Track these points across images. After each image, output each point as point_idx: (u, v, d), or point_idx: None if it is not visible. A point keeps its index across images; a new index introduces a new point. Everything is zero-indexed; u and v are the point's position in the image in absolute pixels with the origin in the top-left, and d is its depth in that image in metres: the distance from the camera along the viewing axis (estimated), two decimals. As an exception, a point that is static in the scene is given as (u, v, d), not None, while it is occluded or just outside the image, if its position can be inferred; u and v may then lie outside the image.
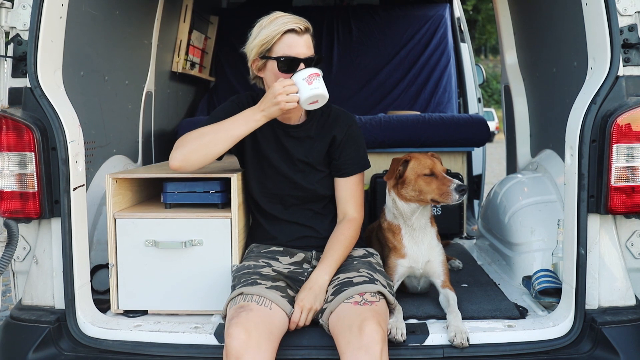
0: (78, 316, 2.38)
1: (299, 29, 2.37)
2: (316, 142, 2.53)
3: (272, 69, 2.40)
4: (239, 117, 2.38)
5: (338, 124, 2.54)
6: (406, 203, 2.62)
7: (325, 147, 2.53)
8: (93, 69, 3.04)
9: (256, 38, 2.40)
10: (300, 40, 2.38)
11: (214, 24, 5.30)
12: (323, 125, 2.54)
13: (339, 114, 2.57)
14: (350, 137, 2.54)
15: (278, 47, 2.38)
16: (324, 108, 2.50)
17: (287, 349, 2.22)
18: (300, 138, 2.52)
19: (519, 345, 2.27)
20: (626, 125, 2.21)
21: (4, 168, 2.36)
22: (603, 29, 2.25)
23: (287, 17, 2.41)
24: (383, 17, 5.50)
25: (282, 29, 2.36)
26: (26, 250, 2.45)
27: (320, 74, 2.34)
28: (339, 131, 2.53)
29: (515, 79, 3.83)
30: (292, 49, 2.37)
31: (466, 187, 2.47)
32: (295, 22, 2.38)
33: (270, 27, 2.38)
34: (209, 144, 2.37)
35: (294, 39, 2.38)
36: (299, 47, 2.38)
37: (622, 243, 2.34)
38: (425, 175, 2.55)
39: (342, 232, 2.48)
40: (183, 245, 2.51)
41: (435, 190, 2.52)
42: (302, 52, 2.38)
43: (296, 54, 2.37)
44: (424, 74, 5.38)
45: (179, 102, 4.72)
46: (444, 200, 2.51)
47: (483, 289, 2.84)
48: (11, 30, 2.37)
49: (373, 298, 2.23)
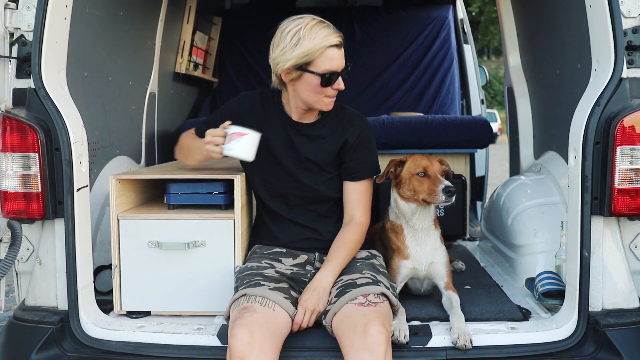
0: (81, 317, 2.38)
1: (340, 42, 2.35)
2: (327, 142, 2.52)
3: (310, 81, 2.36)
4: (197, 143, 2.45)
5: (352, 127, 2.53)
6: (406, 203, 2.63)
7: (336, 149, 2.52)
8: (97, 70, 3.04)
9: (296, 49, 2.30)
10: (339, 54, 2.36)
11: (217, 25, 5.31)
12: (336, 126, 2.53)
13: (352, 117, 2.56)
14: (362, 141, 2.53)
15: (320, 60, 2.32)
16: (339, 109, 2.52)
17: (290, 351, 2.22)
18: (310, 136, 2.52)
19: (522, 348, 2.27)
20: (630, 127, 2.21)
21: (7, 169, 2.36)
22: (607, 31, 2.25)
23: (325, 28, 2.34)
24: (386, 18, 5.50)
25: (327, 43, 2.31)
26: (29, 250, 2.46)
27: (247, 133, 2.33)
28: (352, 134, 2.52)
29: (519, 81, 3.82)
30: (334, 63, 2.34)
31: (454, 189, 2.47)
32: (337, 36, 2.34)
33: (312, 40, 2.30)
34: (188, 156, 2.60)
35: (335, 53, 2.34)
36: (339, 60, 2.35)
37: (625, 245, 2.33)
38: (417, 175, 2.57)
39: (348, 235, 2.47)
40: (186, 247, 2.51)
41: (426, 190, 2.53)
42: (341, 65, 2.36)
43: (337, 68, 2.35)
44: (427, 75, 5.38)
45: (182, 103, 4.72)
46: (432, 200, 2.52)
47: (486, 291, 2.84)
48: (15, 31, 2.38)
49: (377, 299, 2.23)
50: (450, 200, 2.48)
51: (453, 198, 2.49)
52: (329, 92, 2.38)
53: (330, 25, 2.37)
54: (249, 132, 2.33)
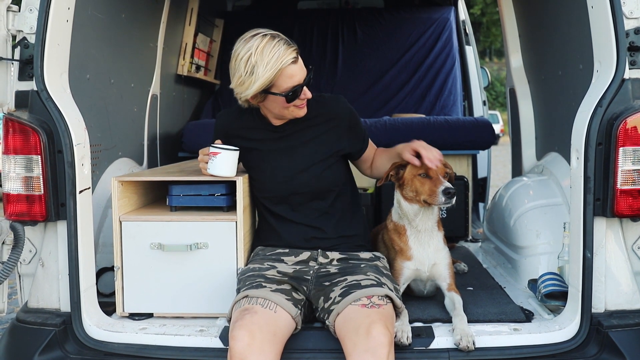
0: (84, 319, 2.38)
1: (294, 58, 2.37)
2: (317, 130, 2.58)
3: (276, 100, 2.42)
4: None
5: (332, 105, 2.61)
6: (409, 204, 2.63)
7: (327, 129, 2.58)
8: (99, 72, 3.05)
9: (252, 78, 2.32)
10: (298, 68, 2.38)
11: (219, 27, 5.31)
12: (320, 111, 2.58)
13: (330, 98, 2.64)
14: (352, 115, 2.63)
15: (279, 82, 2.36)
16: (317, 98, 2.58)
17: (291, 353, 2.22)
18: (298, 131, 2.57)
19: (525, 349, 2.26)
20: (632, 128, 2.20)
21: (10, 171, 2.36)
22: (609, 31, 2.24)
23: (276, 46, 2.33)
24: (388, 20, 5.50)
25: (281, 65, 2.32)
26: (32, 253, 2.46)
27: (220, 152, 2.43)
28: (336, 110, 2.60)
29: (521, 82, 3.82)
30: (294, 79, 2.37)
31: (454, 190, 2.47)
32: (290, 52, 2.34)
33: (266, 66, 2.30)
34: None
35: (293, 70, 2.36)
36: (297, 74, 2.38)
37: (628, 246, 2.33)
38: (419, 176, 2.57)
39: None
40: (188, 248, 2.51)
41: (427, 191, 2.53)
42: (301, 77, 2.39)
43: (298, 82, 2.39)
44: (429, 76, 5.38)
45: (184, 105, 4.73)
46: (432, 201, 2.52)
47: (489, 292, 2.84)
48: (18, 33, 2.38)
49: (381, 301, 2.22)
50: (450, 202, 2.48)
51: (453, 200, 2.48)
52: (297, 103, 2.44)
53: (281, 40, 2.35)
54: (222, 150, 2.43)
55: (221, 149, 2.44)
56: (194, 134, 4.21)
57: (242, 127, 2.60)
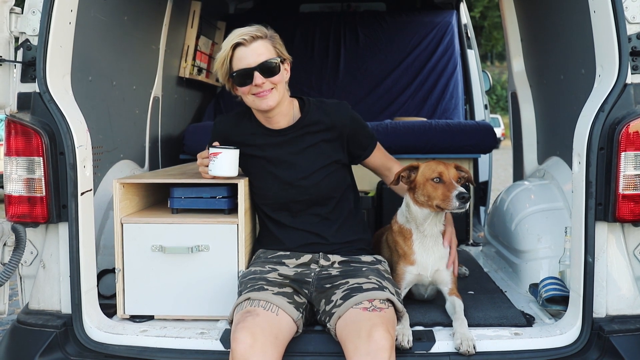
0: (84, 321, 2.38)
1: (243, 40, 2.39)
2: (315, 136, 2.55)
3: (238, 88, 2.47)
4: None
5: (335, 112, 2.57)
6: (420, 208, 2.59)
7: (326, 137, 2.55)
8: (101, 74, 3.05)
9: (217, 58, 2.45)
10: (247, 51, 2.41)
11: (221, 30, 5.32)
12: (320, 117, 2.55)
13: (332, 104, 2.60)
14: (353, 123, 2.59)
15: (233, 64, 2.43)
16: (318, 103, 2.57)
17: (293, 355, 2.22)
18: (297, 137, 2.55)
19: (526, 354, 2.26)
20: (634, 132, 2.20)
21: (12, 172, 2.36)
22: (611, 36, 2.24)
23: (236, 31, 2.43)
24: (390, 23, 5.51)
25: (229, 46, 2.41)
26: (33, 254, 2.46)
27: (221, 152, 2.43)
28: (338, 117, 2.56)
29: (523, 86, 3.82)
30: (243, 62, 2.41)
31: (468, 195, 2.45)
32: (244, 34, 2.41)
33: (222, 48, 2.43)
34: None
35: (242, 52, 2.41)
36: (247, 57, 2.40)
37: (630, 251, 2.33)
38: (432, 180, 2.53)
39: None
40: (190, 251, 2.51)
41: (440, 196, 2.50)
42: (252, 61, 2.40)
43: (247, 65, 2.40)
44: (430, 80, 5.38)
45: (186, 108, 4.73)
46: (445, 206, 2.48)
47: (489, 297, 2.83)
48: (20, 35, 2.38)
49: (382, 305, 2.22)
50: (464, 207, 2.45)
51: (467, 205, 2.46)
52: (253, 90, 2.43)
53: (246, 28, 2.43)
54: (223, 150, 2.43)
55: (222, 148, 2.44)
56: (196, 136, 4.21)
57: (241, 134, 2.59)
